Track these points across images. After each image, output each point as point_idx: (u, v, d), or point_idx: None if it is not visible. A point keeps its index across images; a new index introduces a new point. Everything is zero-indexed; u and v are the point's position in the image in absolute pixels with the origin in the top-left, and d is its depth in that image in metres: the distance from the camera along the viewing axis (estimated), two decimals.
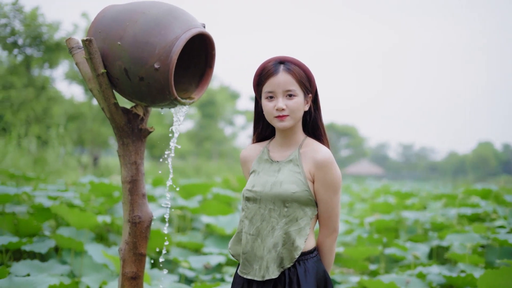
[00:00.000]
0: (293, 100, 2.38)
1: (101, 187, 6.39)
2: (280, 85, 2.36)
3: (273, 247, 2.38)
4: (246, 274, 2.42)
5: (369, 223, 7.93)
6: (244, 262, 2.44)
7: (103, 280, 4.45)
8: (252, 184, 2.45)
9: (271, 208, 2.39)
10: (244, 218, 2.45)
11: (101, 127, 24.32)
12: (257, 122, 2.60)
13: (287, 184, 2.39)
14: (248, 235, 2.42)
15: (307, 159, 2.44)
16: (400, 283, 4.69)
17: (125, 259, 2.69)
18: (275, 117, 2.40)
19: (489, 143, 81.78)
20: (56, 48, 16.61)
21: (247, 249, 2.42)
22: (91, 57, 2.47)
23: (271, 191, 2.39)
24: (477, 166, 76.75)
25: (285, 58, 2.42)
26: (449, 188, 18.69)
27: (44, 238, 5.06)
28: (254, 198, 2.42)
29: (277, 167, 2.47)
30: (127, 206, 2.68)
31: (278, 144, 2.53)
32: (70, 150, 14.61)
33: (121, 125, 2.65)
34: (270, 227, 2.39)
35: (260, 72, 2.44)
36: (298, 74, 2.39)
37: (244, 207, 2.47)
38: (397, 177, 66.68)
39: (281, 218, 2.38)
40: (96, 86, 2.59)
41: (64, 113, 19.00)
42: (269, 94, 2.39)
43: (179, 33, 2.45)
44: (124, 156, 2.68)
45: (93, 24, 2.57)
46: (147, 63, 2.41)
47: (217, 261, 5.34)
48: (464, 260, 5.24)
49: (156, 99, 2.52)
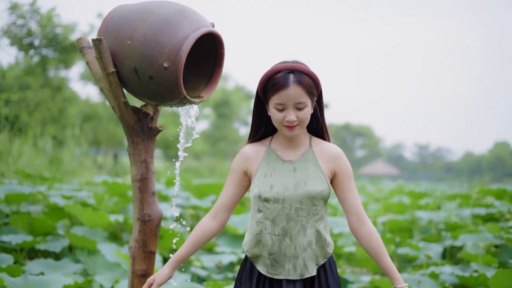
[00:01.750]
0: (303, 111, 2.38)
1: (115, 186, 6.43)
2: (291, 98, 2.34)
3: (308, 245, 2.43)
4: (277, 274, 2.42)
5: (382, 223, 7.91)
6: (272, 263, 2.42)
7: (115, 278, 4.48)
8: (269, 184, 2.43)
9: (298, 207, 2.40)
10: (264, 219, 2.42)
11: (116, 127, 24.44)
12: (260, 121, 2.55)
13: (312, 183, 2.43)
14: (273, 235, 2.41)
15: (323, 157, 2.50)
16: (412, 282, 4.67)
17: (134, 257, 2.71)
18: (285, 126, 2.40)
19: (506, 143, 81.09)
20: (71, 48, 16.70)
21: (275, 249, 2.42)
22: (101, 56, 2.49)
23: (297, 191, 2.41)
24: (494, 166, 76.22)
25: (295, 67, 2.36)
26: (465, 189, 18.56)
27: (58, 237, 5.10)
28: (275, 198, 2.40)
29: (291, 166, 2.47)
30: (137, 204, 2.70)
31: (283, 143, 2.52)
32: (85, 150, 14.72)
33: (131, 123, 2.67)
34: (300, 226, 2.41)
35: (268, 81, 2.38)
36: (308, 85, 2.36)
37: (261, 208, 2.43)
38: (413, 177, 66.34)
39: (310, 216, 2.43)
40: (106, 85, 2.62)
41: (80, 114, 19.12)
42: (279, 106, 2.37)
43: (188, 32, 2.47)
44: (134, 155, 2.71)
45: (103, 24, 2.59)
46: (157, 62, 2.43)
47: (229, 260, 5.35)
48: (477, 260, 5.21)
49: (165, 98, 2.54)
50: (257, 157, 2.52)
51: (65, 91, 17.67)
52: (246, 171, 2.52)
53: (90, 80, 23.79)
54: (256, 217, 2.44)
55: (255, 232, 2.45)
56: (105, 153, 25.18)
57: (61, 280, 3.79)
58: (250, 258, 2.48)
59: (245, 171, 2.52)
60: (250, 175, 2.52)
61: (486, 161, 79.27)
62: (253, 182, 2.48)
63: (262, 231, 2.42)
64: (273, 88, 2.36)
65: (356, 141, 78.68)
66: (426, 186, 25.39)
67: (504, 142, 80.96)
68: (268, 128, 2.57)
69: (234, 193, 2.55)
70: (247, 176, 2.54)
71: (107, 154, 25.20)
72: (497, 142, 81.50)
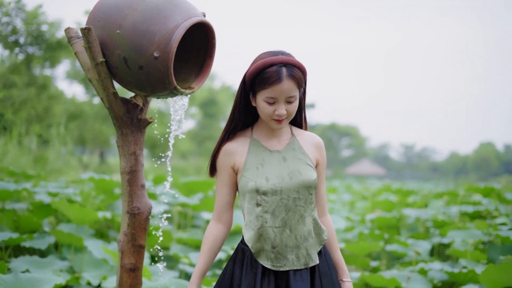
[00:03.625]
0: (293, 104, 2.38)
1: (101, 183, 6.36)
2: (284, 92, 2.33)
3: (308, 235, 2.44)
4: (282, 266, 2.39)
5: (370, 220, 7.91)
6: (277, 256, 2.40)
7: (103, 275, 4.43)
8: (263, 177, 2.40)
9: (296, 197, 2.40)
10: (264, 213, 2.38)
11: (102, 126, 24.33)
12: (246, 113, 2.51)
13: (305, 171, 2.43)
14: (274, 228, 2.39)
15: (307, 145, 2.53)
16: (402, 278, 4.66)
17: (123, 251, 2.66)
18: (274, 119, 2.39)
19: (490, 143, 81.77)
20: (57, 46, 16.58)
21: (277, 242, 2.39)
22: (90, 46, 2.44)
23: (293, 181, 2.40)
24: (479, 166, 76.77)
25: (288, 61, 2.34)
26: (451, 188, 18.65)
27: (44, 235, 5.05)
28: (273, 190, 2.38)
29: (279, 156, 2.46)
30: (126, 197, 2.65)
31: (266, 134, 2.50)
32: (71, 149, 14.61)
33: (120, 115, 2.62)
34: (299, 216, 2.41)
35: (261, 74, 2.34)
36: (299, 78, 2.35)
37: (260, 202, 2.39)
38: (399, 177, 66.59)
39: (307, 205, 2.43)
40: (95, 76, 2.57)
41: (65, 112, 18.99)
42: (270, 100, 2.35)
43: (179, 21, 2.42)
44: (123, 147, 2.66)
45: (92, 13, 2.54)
46: (147, 51, 2.39)
47: (217, 257, 5.31)
48: (466, 257, 5.22)
49: (155, 88, 2.49)
50: (242, 150, 2.49)
51: (51, 89, 17.53)
52: (233, 166, 2.49)
53: (76, 79, 23.68)
54: (255, 212, 2.40)
55: (256, 227, 2.40)
56: (91, 152, 25.06)
57: (52, 279, 3.74)
58: (253, 253, 2.42)
59: (232, 167, 2.49)
60: (237, 169, 2.48)
61: (472, 161, 79.84)
62: (243, 176, 2.44)
63: (263, 225, 2.39)
64: (265, 81, 2.33)
65: (342, 141, 78.80)
66: (412, 186, 25.49)
67: (489, 142, 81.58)
68: (248, 120, 2.55)
69: (229, 192, 2.52)
70: (235, 171, 2.50)
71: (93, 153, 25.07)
72: (482, 142, 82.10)
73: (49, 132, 15.23)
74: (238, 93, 2.47)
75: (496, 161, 77.73)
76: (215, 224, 2.53)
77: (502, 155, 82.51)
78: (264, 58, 2.37)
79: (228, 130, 2.51)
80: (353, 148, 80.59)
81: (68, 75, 23.41)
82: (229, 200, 2.53)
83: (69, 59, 20.71)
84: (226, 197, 2.52)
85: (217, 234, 2.51)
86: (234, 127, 2.51)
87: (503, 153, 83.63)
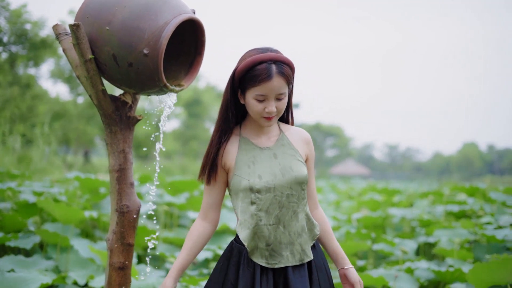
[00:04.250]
0: (282, 101, 2.37)
1: (87, 182, 6.32)
2: (274, 90, 2.31)
3: (302, 230, 2.43)
4: (277, 264, 2.38)
5: (356, 219, 7.92)
6: (271, 254, 2.38)
7: (89, 274, 4.39)
8: (256, 174, 2.38)
9: (289, 193, 2.39)
10: (258, 211, 2.36)
11: (86, 126, 24.19)
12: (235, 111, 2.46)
13: (296, 167, 2.42)
14: (268, 226, 2.37)
15: (296, 141, 2.52)
16: (389, 278, 4.67)
17: (112, 249, 2.64)
18: (263, 117, 2.38)
19: (473, 144, 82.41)
20: (41, 45, 16.47)
21: (272, 240, 2.38)
22: (79, 42, 2.42)
23: (285, 177, 2.39)
24: (462, 166, 77.35)
25: (277, 58, 2.32)
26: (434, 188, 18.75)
27: (29, 234, 5.00)
28: (267, 188, 2.36)
29: (270, 152, 2.44)
30: (115, 195, 2.63)
31: (255, 131, 2.49)
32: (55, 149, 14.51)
33: (109, 112, 2.60)
34: (292, 212, 2.40)
35: (250, 71, 2.32)
36: (289, 75, 2.34)
37: (254, 200, 2.37)
38: (383, 177, 66.88)
39: (300, 200, 2.42)
40: (83, 73, 2.54)
41: (49, 112, 18.86)
42: (260, 97, 2.33)
43: (169, 18, 2.40)
44: (112, 144, 2.64)
45: (81, 9, 2.52)
46: (136, 48, 2.37)
47: (204, 257, 5.30)
48: (452, 255, 5.24)
49: (145, 85, 2.47)
50: (231, 149, 2.46)
51: (35, 88, 17.41)
52: (224, 166, 2.46)
53: (60, 78, 23.53)
54: (250, 210, 2.38)
55: (251, 225, 2.38)
56: (75, 152, 24.91)
57: (38, 278, 3.71)
58: (248, 252, 2.40)
59: (223, 166, 2.47)
60: (228, 168, 2.46)
61: (455, 161, 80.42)
62: (235, 175, 2.41)
63: (258, 223, 2.37)
64: (254, 79, 2.31)
65: (326, 141, 78.99)
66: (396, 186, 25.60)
67: (472, 142, 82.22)
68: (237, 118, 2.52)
69: (218, 191, 2.50)
70: (225, 170, 2.48)
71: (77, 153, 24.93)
72: (466, 143, 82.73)
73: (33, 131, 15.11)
74: (226, 91, 2.43)
75: (479, 161, 78.37)
76: (201, 222, 2.51)
77: (485, 156, 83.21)
78: (252, 56, 2.34)
79: (224, 130, 2.47)
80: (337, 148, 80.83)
81: (52, 74, 23.25)
82: (217, 199, 2.50)
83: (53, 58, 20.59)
84: (214, 196, 2.50)
85: (202, 231, 2.48)
86: (227, 125, 2.47)
87: (486, 154, 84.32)
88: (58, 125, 20.92)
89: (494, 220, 6.46)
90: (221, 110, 2.47)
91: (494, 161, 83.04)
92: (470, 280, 4.00)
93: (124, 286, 2.65)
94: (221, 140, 2.46)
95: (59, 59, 22.53)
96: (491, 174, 59.85)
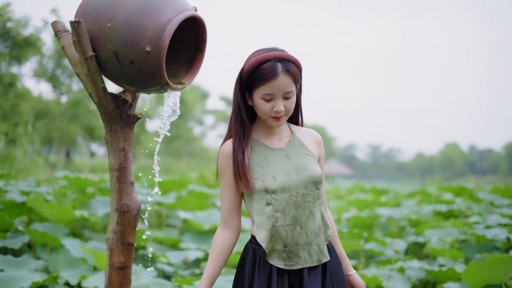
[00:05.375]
0: (290, 100, 2.35)
1: (76, 181, 6.27)
2: (280, 88, 2.30)
3: (319, 230, 2.40)
4: (294, 265, 2.35)
5: (346, 219, 7.93)
6: (289, 255, 2.35)
7: (81, 274, 4.35)
8: (270, 175, 2.36)
9: (304, 193, 2.36)
10: (274, 212, 2.33)
11: (69, 125, 24.03)
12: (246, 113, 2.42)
13: (310, 166, 2.40)
14: (285, 226, 2.34)
15: (308, 141, 2.50)
16: (383, 277, 4.68)
17: (112, 249, 2.61)
18: (272, 117, 2.35)
19: (455, 144, 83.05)
20: (24, 44, 16.33)
21: (289, 241, 2.35)
22: (80, 39, 2.38)
23: (300, 177, 2.36)
24: (444, 166, 77.96)
25: (282, 56, 2.31)
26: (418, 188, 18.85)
27: (17, 234, 4.94)
28: (282, 188, 2.34)
29: (282, 153, 2.42)
30: (115, 194, 2.60)
31: (265, 132, 2.47)
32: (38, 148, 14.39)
33: (109, 110, 2.56)
34: (308, 212, 2.37)
35: (256, 70, 2.31)
36: (295, 73, 2.33)
37: (270, 201, 2.34)
38: (366, 177, 67.17)
39: (315, 200, 2.40)
40: (83, 71, 2.51)
41: (32, 111, 18.71)
42: (267, 97, 2.31)
43: (171, 15, 2.38)
44: (112, 143, 2.60)
45: (81, 6, 2.48)
46: (139, 46, 2.34)
47: (195, 256, 5.26)
48: (444, 255, 5.26)
49: (146, 83, 2.45)
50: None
51: (17, 87, 17.27)
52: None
53: (43, 77, 23.34)
54: (266, 212, 2.35)
55: (268, 227, 2.35)
56: (58, 152, 24.72)
57: (30, 277, 3.68)
58: (266, 254, 2.37)
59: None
60: None
61: (437, 161, 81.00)
62: (250, 177, 2.37)
63: (274, 224, 2.34)
64: (261, 78, 2.30)
65: None
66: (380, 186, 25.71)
67: (454, 143, 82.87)
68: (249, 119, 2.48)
69: (234, 196, 2.45)
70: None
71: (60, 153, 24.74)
72: (447, 143, 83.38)
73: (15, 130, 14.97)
74: (235, 93, 2.41)
75: (461, 161, 79.00)
76: (222, 229, 2.45)
77: (467, 156, 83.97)
78: (258, 55, 2.33)
79: (241, 134, 2.41)
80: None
81: (35, 73, 23.05)
82: (235, 204, 2.45)
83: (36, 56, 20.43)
84: (232, 201, 2.45)
85: (224, 239, 2.43)
86: (244, 128, 2.42)
87: (467, 154, 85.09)
88: (41, 124, 20.74)
89: (482, 219, 6.50)
90: (234, 113, 2.44)
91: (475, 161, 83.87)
92: (465, 279, 4.01)
93: (125, 286, 2.62)
94: (242, 144, 2.40)
95: (42, 57, 22.37)
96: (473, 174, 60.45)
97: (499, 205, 7.48)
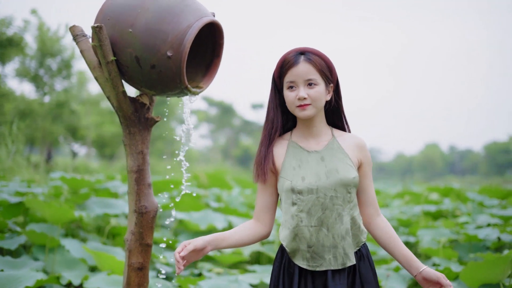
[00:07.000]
0: (314, 89, 2.38)
1: (72, 182, 6.26)
2: (301, 74, 2.35)
3: (346, 233, 2.39)
4: (318, 266, 2.38)
5: None
6: (313, 256, 2.38)
7: (84, 275, 4.36)
8: (300, 176, 2.40)
9: (333, 195, 2.38)
10: (299, 212, 2.38)
11: (52, 125, 23.86)
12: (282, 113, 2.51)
13: (343, 170, 2.40)
14: (310, 227, 2.37)
15: (348, 146, 2.49)
16: (380, 277, 4.74)
17: (131, 250, 2.65)
18: (297, 106, 2.39)
19: (435, 144, 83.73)
20: (7, 44, 16.22)
21: (313, 241, 2.37)
22: (101, 44, 2.42)
23: (329, 179, 2.38)
24: (424, 166, 78.49)
25: (305, 49, 2.40)
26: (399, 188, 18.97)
27: (13, 235, 4.94)
28: (309, 189, 2.37)
29: (317, 156, 2.44)
30: (133, 196, 2.64)
31: (303, 135, 2.50)
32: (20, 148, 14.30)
33: (128, 114, 2.61)
34: (336, 214, 2.38)
35: (281, 64, 2.41)
36: (319, 63, 2.38)
37: (295, 201, 2.38)
38: None
39: (345, 204, 2.40)
40: (102, 74, 2.55)
41: (15, 110, 18.58)
42: (290, 84, 2.38)
43: (191, 21, 2.43)
44: (130, 146, 2.65)
45: (101, 11, 2.52)
46: (160, 50, 2.39)
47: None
48: (438, 255, 5.33)
49: (166, 87, 2.50)
50: (280, 152, 2.49)
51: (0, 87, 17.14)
52: (273, 169, 2.48)
53: (26, 77, 23.16)
54: (291, 211, 2.40)
55: (291, 226, 2.40)
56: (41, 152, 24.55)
57: (33, 276, 3.69)
58: (288, 253, 2.43)
59: (272, 169, 2.48)
60: (276, 172, 2.48)
61: (417, 161, 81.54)
62: (281, 177, 2.44)
63: (298, 224, 2.38)
64: (283, 68, 2.40)
65: None
66: None
67: (434, 143, 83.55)
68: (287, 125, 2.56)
69: (268, 194, 2.52)
70: (274, 174, 2.49)
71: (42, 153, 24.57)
72: (428, 143, 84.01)
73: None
74: (270, 92, 2.49)
75: (441, 162, 79.64)
76: (254, 221, 2.52)
77: (447, 156, 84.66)
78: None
79: (270, 133, 2.49)
80: None
81: (17, 73, 22.85)
82: (268, 202, 2.51)
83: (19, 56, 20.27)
84: (266, 199, 2.51)
85: (251, 227, 2.50)
86: (275, 128, 2.49)
87: (447, 154, 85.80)
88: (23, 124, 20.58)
89: (471, 219, 6.59)
90: (267, 110, 2.52)
91: (455, 162, 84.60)
92: (463, 278, 4.08)
93: (143, 286, 2.67)
94: (269, 141, 2.48)
95: (24, 57, 22.19)
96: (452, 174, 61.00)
97: (488, 205, 7.58)
